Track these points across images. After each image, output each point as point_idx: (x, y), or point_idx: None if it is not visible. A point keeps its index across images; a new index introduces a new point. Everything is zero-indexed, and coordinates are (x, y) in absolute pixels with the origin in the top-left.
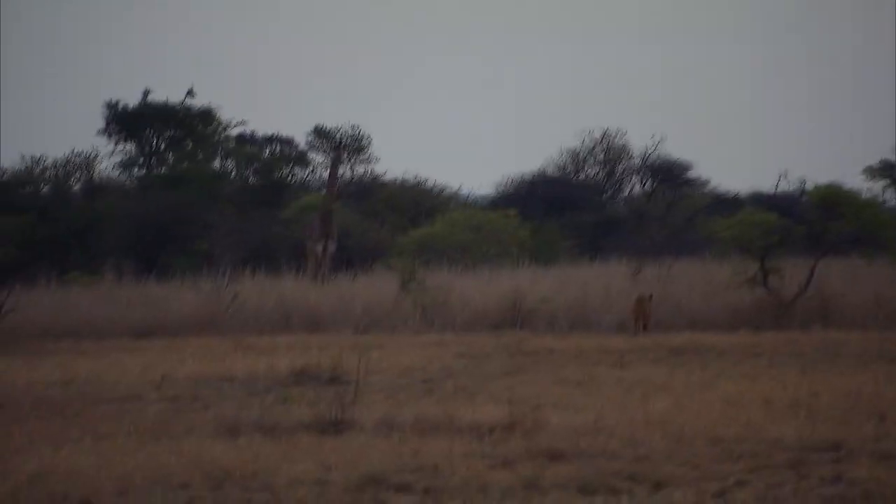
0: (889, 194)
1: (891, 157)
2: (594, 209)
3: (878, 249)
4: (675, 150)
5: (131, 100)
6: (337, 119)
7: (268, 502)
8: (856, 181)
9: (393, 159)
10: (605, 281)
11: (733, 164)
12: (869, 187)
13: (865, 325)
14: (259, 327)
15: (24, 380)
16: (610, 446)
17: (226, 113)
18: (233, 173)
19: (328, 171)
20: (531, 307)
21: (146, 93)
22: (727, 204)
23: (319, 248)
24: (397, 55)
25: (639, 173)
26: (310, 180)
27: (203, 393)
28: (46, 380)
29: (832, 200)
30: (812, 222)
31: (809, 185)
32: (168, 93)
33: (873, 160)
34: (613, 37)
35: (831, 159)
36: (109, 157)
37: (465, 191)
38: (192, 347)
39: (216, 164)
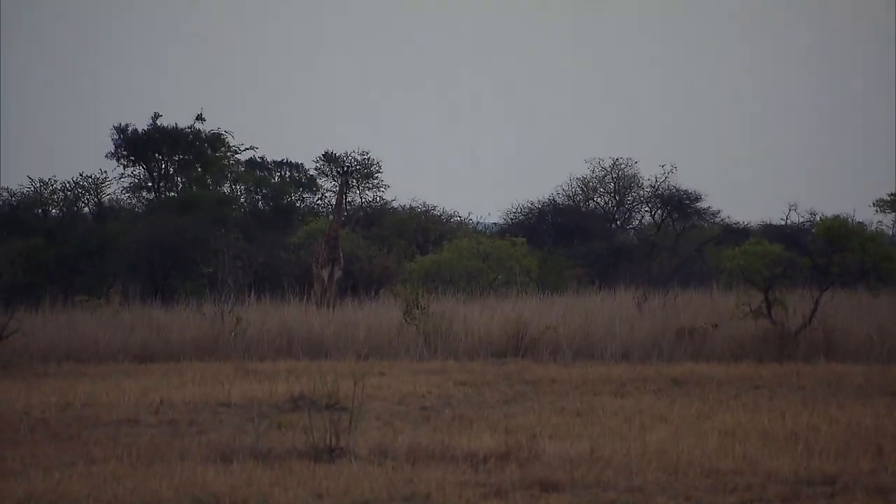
0: None
1: None
2: (603, 238)
3: (884, 283)
4: (685, 180)
5: (141, 124)
6: (346, 145)
7: None
8: (867, 213)
9: (402, 186)
10: (611, 310)
11: (744, 196)
12: (879, 220)
13: (869, 359)
14: (261, 353)
15: (22, 402)
16: (605, 476)
17: (235, 138)
18: (242, 198)
19: (336, 197)
20: (535, 335)
21: (155, 116)
22: (737, 235)
23: (326, 273)
24: (408, 82)
25: (649, 203)
26: (318, 205)
27: (200, 418)
28: (44, 402)
29: (837, 233)
30: (817, 254)
31: (819, 217)
32: (178, 117)
33: (884, 193)
34: (625, 66)
35: (842, 192)
36: (118, 180)
37: (473, 218)
38: (193, 372)
39: (225, 188)
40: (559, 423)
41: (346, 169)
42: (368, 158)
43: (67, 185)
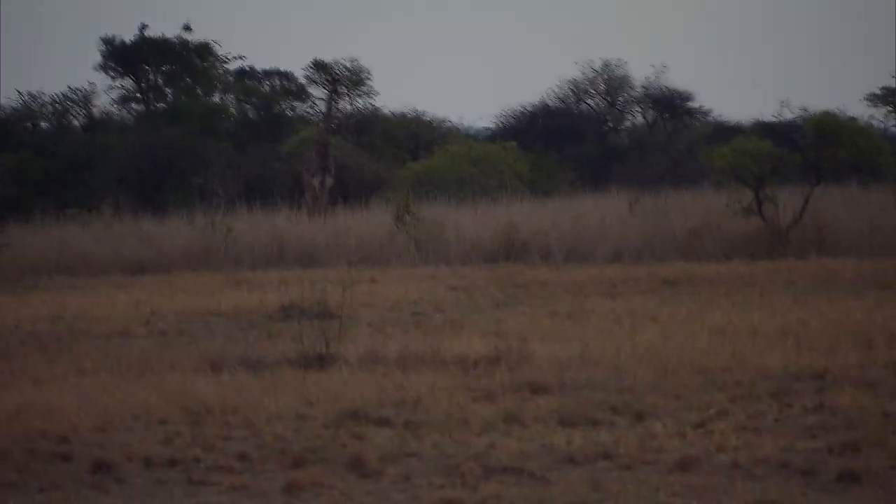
0: (891, 121)
1: (892, 83)
2: (595, 140)
3: (875, 177)
4: (676, 79)
5: (128, 35)
6: (336, 53)
7: (246, 437)
8: (859, 108)
9: (392, 93)
10: (603, 212)
11: (736, 94)
12: (871, 114)
13: (860, 253)
14: (253, 262)
15: (12, 316)
16: (594, 378)
17: (224, 48)
18: (231, 108)
19: (325, 105)
20: (526, 239)
21: (143, 28)
22: (729, 133)
23: (317, 181)
24: None
25: (640, 104)
26: (309, 114)
27: (190, 328)
28: (35, 316)
29: (828, 128)
30: (808, 150)
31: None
32: (165, 28)
33: (876, 87)
34: None
35: (834, 87)
36: (107, 92)
37: (464, 123)
38: (184, 283)
39: (215, 98)
40: (550, 325)
41: (334, 77)
42: (358, 65)
43: (56, 98)
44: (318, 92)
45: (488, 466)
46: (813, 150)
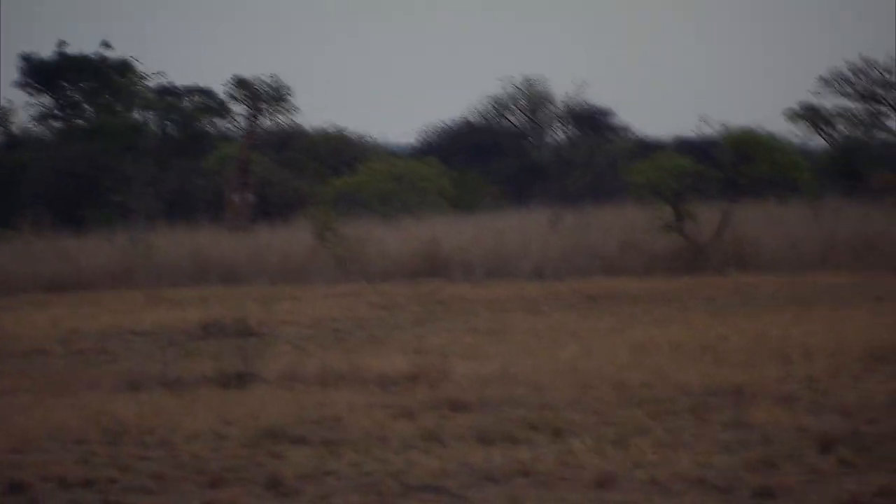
0: (810, 136)
1: (811, 99)
2: (517, 156)
3: (793, 192)
4: (597, 96)
5: (47, 52)
6: (256, 69)
7: (163, 457)
8: (778, 124)
9: (314, 110)
10: (525, 229)
11: (658, 111)
12: (790, 130)
13: (779, 269)
14: (174, 279)
15: None
16: (514, 395)
17: (144, 64)
18: (152, 125)
19: (246, 121)
20: (447, 256)
21: (61, 44)
22: (650, 149)
23: (237, 198)
24: (317, 3)
25: (561, 120)
26: (230, 130)
27: (110, 346)
28: None
29: (745, 144)
30: (726, 166)
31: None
32: (84, 45)
33: (794, 102)
34: None
35: (755, 103)
36: (26, 109)
37: (387, 140)
38: (105, 301)
39: (136, 115)
40: (470, 342)
41: (255, 93)
42: (278, 82)
43: None
44: (239, 108)
45: (407, 484)
46: (731, 166)
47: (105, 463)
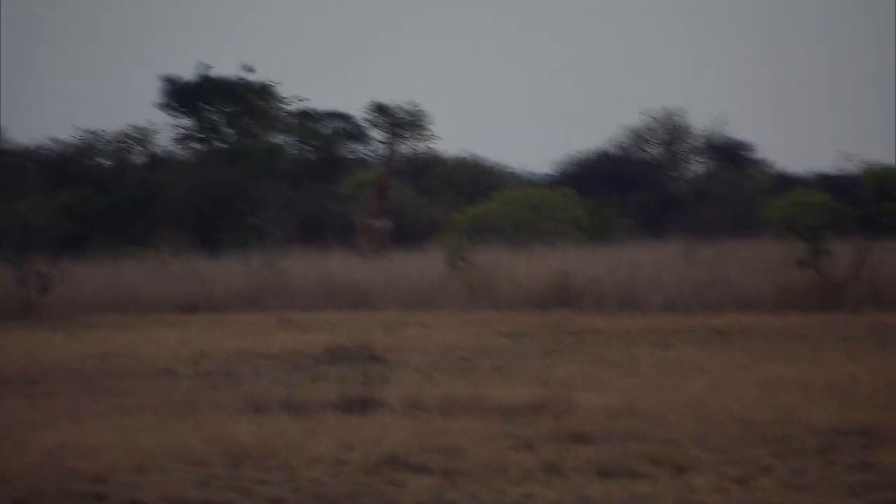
0: None
1: None
2: (654, 188)
3: None
4: (739, 130)
5: (189, 74)
6: (396, 96)
7: (283, 481)
8: None
9: (453, 138)
10: (658, 261)
11: (799, 146)
12: None
13: None
14: (305, 303)
15: (62, 353)
16: (638, 429)
17: (285, 88)
18: (293, 149)
19: (386, 148)
20: (579, 286)
21: (205, 67)
22: (790, 184)
23: (377, 224)
24: (461, 32)
25: (701, 153)
26: (368, 156)
27: (237, 369)
28: (83, 353)
29: (886, 182)
30: (866, 204)
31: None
32: (227, 68)
33: None
34: (678, 14)
35: None
36: (167, 131)
37: (524, 169)
38: (235, 323)
39: (275, 139)
40: (598, 374)
41: (395, 119)
42: (417, 109)
43: (117, 136)
44: (377, 134)
45: None
46: (871, 203)
47: (224, 486)
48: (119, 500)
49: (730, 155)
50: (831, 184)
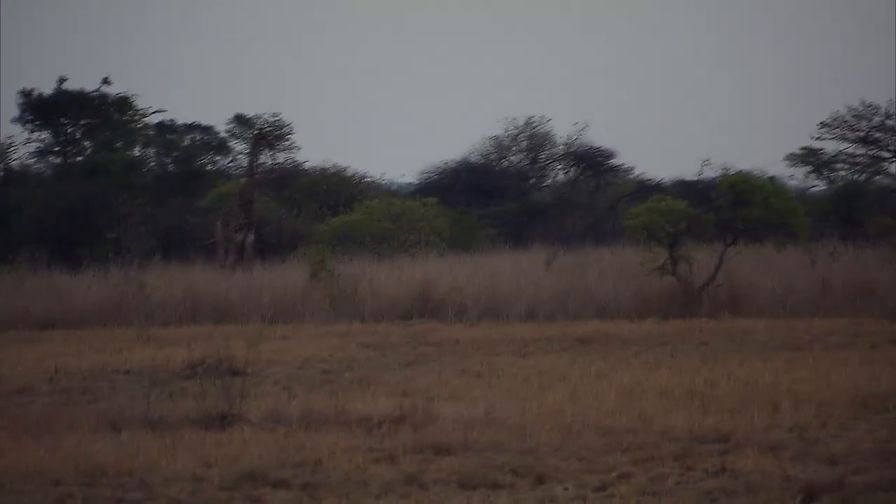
0: (811, 181)
1: (811, 143)
2: (517, 197)
3: (790, 237)
4: (600, 138)
5: (46, 88)
6: (257, 107)
7: (140, 500)
8: (780, 168)
9: (314, 148)
10: (520, 269)
11: (659, 153)
12: (791, 174)
13: (774, 314)
14: (165, 318)
15: None
16: (498, 439)
17: (144, 101)
18: (152, 162)
19: (249, 159)
20: (441, 297)
21: (61, 80)
22: (651, 191)
23: (240, 237)
24: (319, 42)
25: (563, 161)
26: (230, 168)
27: (95, 386)
28: None
29: (741, 188)
30: (722, 210)
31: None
32: (84, 81)
33: (796, 147)
34: (537, 24)
35: (757, 147)
36: (24, 145)
37: (387, 179)
38: (94, 339)
39: (136, 152)
40: (458, 384)
41: (259, 130)
42: (279, 120)
43: None
44: (239, 146)
45: None
46: (727, 209)
47: None
48: None
49: (591, 162)
50: (691, 190)
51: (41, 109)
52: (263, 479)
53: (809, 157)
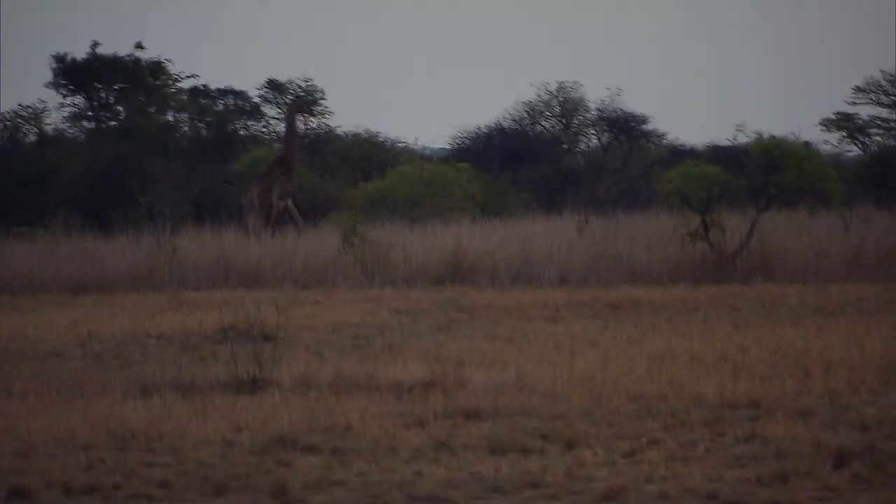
0: (846, 146)
1: (846, 108)
2: (550, 162)
3: (823, 202)
4: (633, 103)
5: (80, 53)
6: (290, 72)
7: (169, 464)
8: (815, 134)
9: (347, 113)
10: (552, 235)
11: (693, 118)
12: (826, 139)
13: (806, 279)
14: (197, 283)
15: None
16: (529, 404)
17: (177, 66)
18: (185, 127)
19: (287, 125)
20: (473, 262)
21: (95, 45)
22: (684, 156)
23: (282, 203)
24: (353, 6)
25: (595, 126)
26: (262, 133)
27: (126, 351)
28: None
29: (774, 153)
30: (754, 175)
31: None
32: (118, 46)
33: (830, 112)
34: None
35: (791, 112)
36: (58, 110)
37: (420, 144)
38: (126, 303)
39: (169, 116)
40: (489, 350)
41: (297, 95)
42: (312, 85)
43: (6, 115)
44: (272, 111)
45: (413, 495)
46: (759, 175)
47: (110, 469)
48: (3, 487)
49: (625, 127)
50: (725, 156)
51: (75, 74)
52: (293, 444)
53: (844, 122)
